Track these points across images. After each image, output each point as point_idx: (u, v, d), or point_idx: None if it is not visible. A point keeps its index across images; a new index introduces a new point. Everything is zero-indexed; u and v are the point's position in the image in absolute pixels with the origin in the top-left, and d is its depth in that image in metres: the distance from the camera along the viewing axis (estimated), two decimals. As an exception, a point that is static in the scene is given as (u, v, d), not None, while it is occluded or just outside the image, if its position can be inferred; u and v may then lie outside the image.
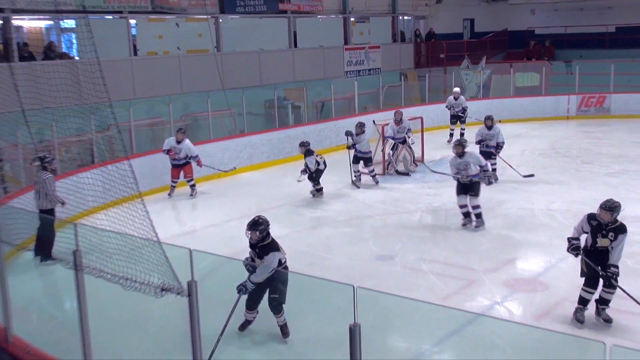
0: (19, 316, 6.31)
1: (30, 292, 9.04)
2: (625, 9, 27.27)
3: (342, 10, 23.91)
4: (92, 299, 5.24)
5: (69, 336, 5.40)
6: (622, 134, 19.07)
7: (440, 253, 9.73)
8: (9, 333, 5.91)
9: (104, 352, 5.78)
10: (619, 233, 6.88)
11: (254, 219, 6.90)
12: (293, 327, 7.06)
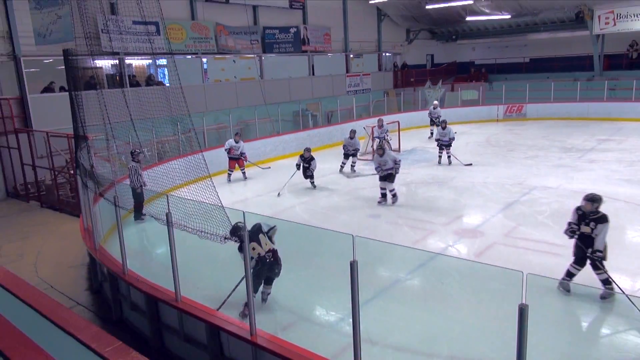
0: (132, 256, 6.34)
1: (139, 240, 9.13)
2: (536, 46, 26.76)
3: (345, 49, 23.74)
4: (179, 245, 5.24)
5: (165, 270, 5.40)
6: (535, 130, 18.79)
7: (411, 212, 9.64)
8: (125, 267, 5.93)
9: (188, 280, 5.80)
10: (598, 223, 5.84)
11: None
12: (311, 265, 7.05)
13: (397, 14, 25.88)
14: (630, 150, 14.16)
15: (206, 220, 5.10)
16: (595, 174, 11.66)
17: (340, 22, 23.29)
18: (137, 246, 8.71)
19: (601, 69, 23.59)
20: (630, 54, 24.08)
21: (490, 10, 23.37)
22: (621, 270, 6.65)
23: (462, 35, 28.24)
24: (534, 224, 8.45)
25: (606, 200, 9.57)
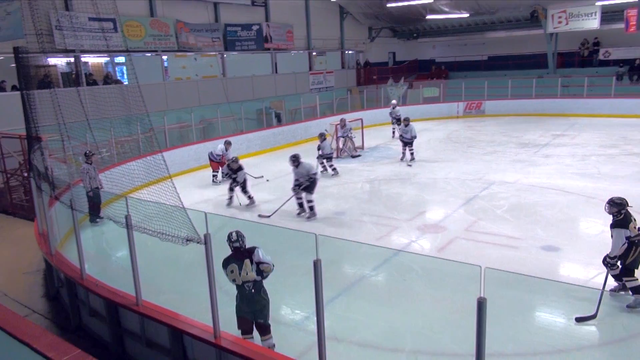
0: (90, 261, 6.15)
1: (97, 244, 8.86)
2: (494, 45, 27.46)
3: (308, 47, 23.70)
4: (140, 248, 5.12)
5: (125, 274, 5.26)
6: (493, 127, 19.27)
7: (375, 209, 9.73)
8: (83, 272, 5.74)
9: (149, 283, 5.67)
10: (612, 227, 5.50)
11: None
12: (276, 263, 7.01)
13: (359, 12, 26.03)
14: (582, 145, 14.72)
15: (167, 222, 4.99)
16: (551, 168, 12.06)
17: (303, 19, 23.24)
18: (96, 250, 8.46)
19: (555, 66, 24.44)
20: (582, 52, 25.03)
21: (450, 9, 23.82)
22: (575, 260, 6.93)
23: (422, 33, 28.68)
24: (493, 218, 8.68)
25: (560, 193, 9.97)
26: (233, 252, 4.66)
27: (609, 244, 5.50)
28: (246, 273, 4.56)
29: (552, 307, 5.81)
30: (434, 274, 6.37)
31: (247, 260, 4.59)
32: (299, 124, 18.46)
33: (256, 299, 4.63)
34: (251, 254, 4.62)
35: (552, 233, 7.80)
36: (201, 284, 5.34)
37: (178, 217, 5.09)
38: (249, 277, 4.56)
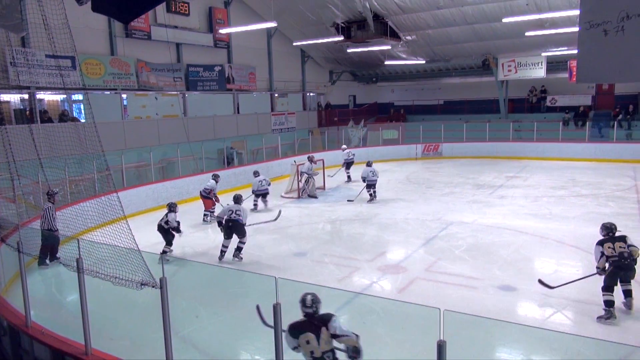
0: (37, 307, 5.81)
1: (45, 289, 8.41)
2: (449, 90, 28.68)
3: (270, 89, 24.03)
4: (92, 292, 4.88)
5: (75, 319, 4.98)
6: (450, 169, 19.84)
7: (336, 250, 9.71)
8: (28, 319, 5.41)
9: (101, 330, 5.39)
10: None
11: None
12: (236, 306, 6.83)
13: (320, 56, 26.76)
14: (534, 186, 15.33)
15: (121, 265, 4.81)
16: (505, 209, 12.45)
17: (265, 62, 23.65)
18: (44, 295, 8.01)
19: (506, 111, 25.66)
20: (530, 99, 26.46)
21: (407, 55, 24.84)
22: (531, 300, 7.07)
23: (382, 77, 29.67)
24: (452, 258, 8.81)
25: (515, 234, 10.26)
26: (306, 319, 3.95)
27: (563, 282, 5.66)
28: (325, 343, 3.85)
29: (510, 348, 5.87)
30: (395, 315, 6.35)
31: (324, 328, 3.86)
32: (260, 164, 18.45)
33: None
34: (327, 322, 3.88)
35: (509, 273, 7.98)
36: (156, 330, 5.13)
37: (133, 259, 4.92)
38: (328, 348, 3.87)
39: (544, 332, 5.65)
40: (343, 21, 21.93)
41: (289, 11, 21.61)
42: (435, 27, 21.41)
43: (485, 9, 19.16)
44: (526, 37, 19.59)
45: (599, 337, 5.56)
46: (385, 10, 20.77)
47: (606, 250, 6.41)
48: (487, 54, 23.77)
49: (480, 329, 6.03)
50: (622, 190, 14.27)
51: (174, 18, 18.20)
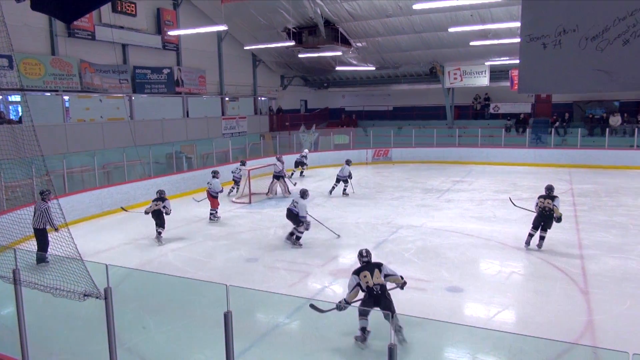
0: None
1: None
2: (398, 96, 29.36)
3: (220, 92, 23.72)
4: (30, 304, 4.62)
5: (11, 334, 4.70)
6: (399, 173, 20.25)
7: (288, 255, 9.66)
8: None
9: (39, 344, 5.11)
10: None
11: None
12: (186, 316, 6.66)
13: (272, 60, 26.70)
14: (479, 190, 15.89)
15: (62, 276, 4.58)
16: (452, 212, 12.83)
17: (216, 65, 23.33)
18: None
19: (453, 118, 26.52)
20: (475, 106, 27.50)
21: (357, 61, 25.21)
22: (477, 300, 7.31)
23: (333, 83, 29.94)
24: (401, 261, 8.97)
25: (462, 236, 10.57)
26: (364, 265, 5.96)
27: (506, 283, 5.88)
28: (377, 279, 5.77)
29: (457, 347, 6.03)
30: (346, 320, 6.38)
31: (376, 269, 5.87)
32: (210, 168, 18.12)
33: (381, 299, 5.65)
34: (380, 266, 5.95)
35: (456, 274, 8.21)
36: (100, 342, 4.92)
37: (75, 269, 4.70)
38: (379, 281, 5.77)
39: (489, 331, 5.84)
40: (294, 26, 21.99)
41: (240, 15, 21.44)
42: (384, 34, 21.86)
43: (432, 18, 19.75)
44: (471, 46, 20.37)
45: (539, 336, 5.81)
46: (336, 17, 21.01)
47: (538, 201, 9.44)
48: (434, 62, 24.51)
49: (429, 330, 6.17)
50: (558, 193, 15.02)
51: (119, 18, 17.63)
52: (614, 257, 8.84)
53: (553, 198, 9.32)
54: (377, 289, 5.65)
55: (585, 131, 22.23)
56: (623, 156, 20.01)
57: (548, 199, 9.30)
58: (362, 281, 5.76)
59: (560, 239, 10.06)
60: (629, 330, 6.17)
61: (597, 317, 6.48)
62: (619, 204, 13.29)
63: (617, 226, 10.98)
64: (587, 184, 16.41)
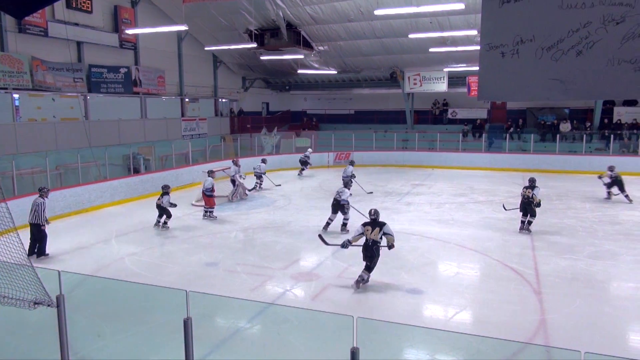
0: None
1: None
2: (360, 100, 29.69)
3: (180, 93, 23.30)
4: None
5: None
6: (360, 176, 20.32)
7: (249, 258, 9.58)
8: None
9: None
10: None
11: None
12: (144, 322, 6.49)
13: (233, 62, 26.45)
14: (438, 193, 16.23)
15: (10, 283, 4.36)
16: (412, 215, 13.05)
17: (175, 65, 22.91)
18: None
19: (412, 122, 27.03)
20: (434, 111, 28.12)
21: (319, 65, 25.31)
22: (436, 302, 7.45)
23: (294, 86, 29.95)
24: (362, 264, 9.01)
25: (421, 239, 10.76)
26: (371, 221, 7.82)
27: (464, 285, 6.02)
28: (374, 235, 7.64)
29: (417, 349, 6.13)
30: (308, 323, 6.38)
31: (377, 227, 7.67)
32: (169, 171, 17.76)
33: (370, 250, 7.65)
34: (382, 226, 7.68)
35: (416, 277, 8.35)
36: (52, 351, 4.72)
37: (24, 276, 4.49)
38: (374, 237, 7.63)
39: (448, 332, 5.97)
40: (256, 28, 21.88)
41: (201, 15, 21.14)
42: (346, 39, 22.06)
43: (393, 24, 20.08)
44: (430, 52, 20.82)
45: (495, 336, 5.98)
46: (299, 20, 21.03)
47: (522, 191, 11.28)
48: (394, 67, 24.92)
49: (389, 332, 6.23)
50: (513, 197, 15.55)
51: (74, 15, 17.06)
52: (565, 258, 9.21)
53: (533, 188, 11.06)
54: (370, 242, 7.59)
55: (537, 137, 23.11)
56: (572, 161, 20.92)
57: (529, 189, 11.07)
58: (365, 233, 7.67)
59: (514, 240, 10.41)
60: (579, 328, 6.44)
61: (549, 316, 6.73)
62: (569, 207, 13.87)
63: (567, 228, 11.45)
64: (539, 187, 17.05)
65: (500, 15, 2.26)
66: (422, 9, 16.22)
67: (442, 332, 5.94)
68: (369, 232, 7.65)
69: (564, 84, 2.18)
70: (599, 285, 7.90)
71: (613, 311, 6.93)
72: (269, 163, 18.68)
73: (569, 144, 22.66)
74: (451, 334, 5.98)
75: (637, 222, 11.98)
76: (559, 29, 2.16)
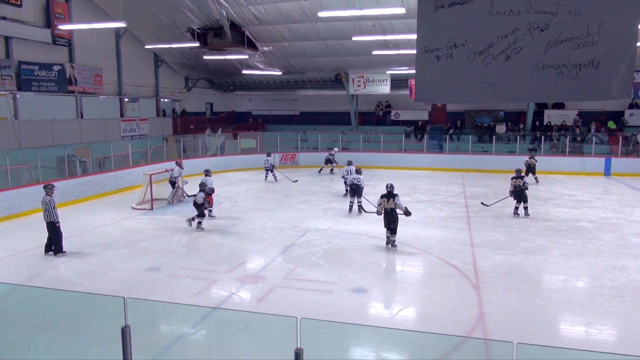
0: None
1: None
2: (305, 101, 29.82)
3: (119, 93, 22.46)
4: None
5: None
6: (306, 177, 20.48)
7: (193, 262, 9.37)
8: None
9: None
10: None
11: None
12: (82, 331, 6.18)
13: (175, 61, 25.81)
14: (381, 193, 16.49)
15: None
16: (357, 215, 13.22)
17: (114, 63, 22.06)
18: None
19: (357, 123, 27.43)
20: (377, 112, 28.67)
21: (264, 65, 25.17)
22: (380, 300, 7.58)
23: (239, 86, 29.62)
24: (309, 264, 9.07)
25: (366, 238, 10.93)
26: (387, 194, 9.88)
27: (408, 282, 6.17)
28: (390, 204, 9.78)
29: (363, 347, 6.21)
30: (253, 326, 6.31)
31: (392, 198, 9.78)
32: (108, 173, 17.07)
33: (390, 216, 9.80)
34: (395, 197, 9.81)
35: (361, 275, 8.47)
36: None
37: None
38: (390, 206, 9.77)
39: (392, 330, 6.09)
40: (199, 27, 21.45)
41: (141, 12, 20.48)
42: (291, 40, 22.06)
43: (337, 26, 20.29)
44: (373, 55, 21.21)
45: (437, 331, 6.18)
46: (243, 20, 20.82)
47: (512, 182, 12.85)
48: (339, 69, 25.19)
49: (335, 332, 6.28)
50: (453, 196, 16.14)
51: (2, 8, 16.05)
52: (501, 253, 9.65)
53: (522, 177, 12.83)
54: (389, 210, 9.76)
55: (475, 138, 24.09)
56: (507, 161, 21.91)
57: (518, 179, 12.71)
58: (383, 203, 9.80)
59: (455, 238, 10.78)
60: (514, 320, 6.76)
61: (487, 310, 7.02)
62: (504, 205, 14.55)
63: (503, 225, 12.00)
64: (477, 186, 17.76)
65: (434, 20, 2.35)
66: (365, 12, 16.51)
67: (386, 329, 6.07)
68: (386, 202, 9.75)
69: (494, 87, 2.29)
70: (532, 279, 8.33)
71: (545, 303, 7.33)
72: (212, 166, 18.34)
73: (505, 144, 23.77)
74: (395, 331, 6.11)
75: (565, 218, 12.74)
76: (489, 35, 2.26)
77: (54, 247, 9.64)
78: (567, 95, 2.28)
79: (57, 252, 9.62)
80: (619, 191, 16.99)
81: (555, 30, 2.09)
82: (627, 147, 21.79)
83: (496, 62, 2.26)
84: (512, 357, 3.10)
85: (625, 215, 13.08)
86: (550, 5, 2.05)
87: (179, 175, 15.11)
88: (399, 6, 14.74)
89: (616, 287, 7.83)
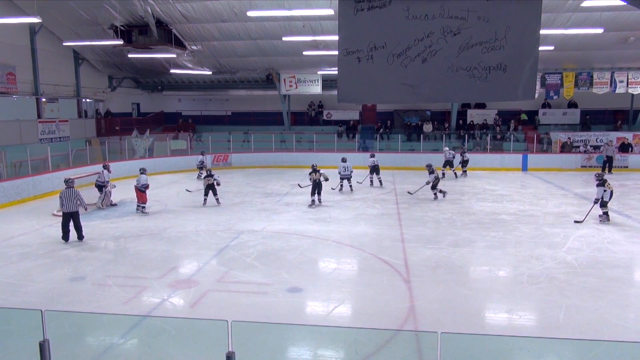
0: None
1: None
2: (237, 101, 29.48)
3: (35, 92, 21.03)
4: None
5: None
6: (240, 178, 20.26)
7: (121, 269, 8.97)
8: None
9: None
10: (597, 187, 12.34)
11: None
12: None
13: (97, 59, 24.58)
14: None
15: None
16: (291, 215, 13.26)
17: (29, 61, 20.62)
18: None
19: (290, 123, 27.47)
20: (310, 112, 28.87)
21: (193, 65, 24.56)
22: (316, 298, 7.66)
23: (168, 86, 28.72)
24: (243, 266, 8.98)
25: (301, 238, 10.99)
26: (312, 170, 14.37)
27: (342, 279, 6.26)
28: (317, 177, 14.25)
29: (299, 346, 6.24)
30: (186, 332, 6.16)
31: (317, 173, 14.18)
32: (24, 178, 15.96)
33: (319, 186, 14.15)
34: (319, 172, 14.33)
35: (296, 275, 8.50)
36: None
37: None
38: (317, 178, 14.13)
39: (328, 327, 6.17)
40: (123, 24, 20.55)
41: (58, 7, 19.29)
42: (220, 39, 21.69)
43: (267, 26, 20.19)
44: (304, 55, 21.33)
45: (371, 325, 6.33)
46: (169, 18, 20.19)
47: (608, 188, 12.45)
48: (270, 69, 25.10)
49: (271, 333, 6.27)
50: (384, 193, 16.60)
51: None
52: (429, 247, 10.05)
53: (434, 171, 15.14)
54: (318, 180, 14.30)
55: (404, 137, 24.90)
56: (433, 158, 22.75)
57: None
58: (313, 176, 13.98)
59: (386, 234, 11.09)
60: (443, 310, 7.07)
61: (417, 303, 7.29)
62: (430, 200, 15.17)
63: (431, 220, 12.50)
64: (407, 184, 18.36)
65: (355, 22, 2.41)
66: (294, 12, 16.57)
67: (322, 327, 6.14)
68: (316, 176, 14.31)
69: (412, 88, 2.39)
70: (458, 271, 8.75)
71: (470, 292, 7.72)
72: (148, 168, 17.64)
73: (432, 143, 24.77)
74: (331, 328, 6.20)
75: (488, 212, 13.48)
76: (406, 38, 2.36)
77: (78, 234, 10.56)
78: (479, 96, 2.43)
79: (81, 238, 10.41)
80: (534, 185, 18.23)
81: (467, 35, 2.23)
82: (541, 145, 23.46)
83: (414, 64, 2.36)
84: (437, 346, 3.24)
85: (540, 207, 14.05)
86: (461, 11, 2.18)
87: (107, 179, 14.45)
88: (328, 7, 14.94)
89: (533, 275, 8.40)
